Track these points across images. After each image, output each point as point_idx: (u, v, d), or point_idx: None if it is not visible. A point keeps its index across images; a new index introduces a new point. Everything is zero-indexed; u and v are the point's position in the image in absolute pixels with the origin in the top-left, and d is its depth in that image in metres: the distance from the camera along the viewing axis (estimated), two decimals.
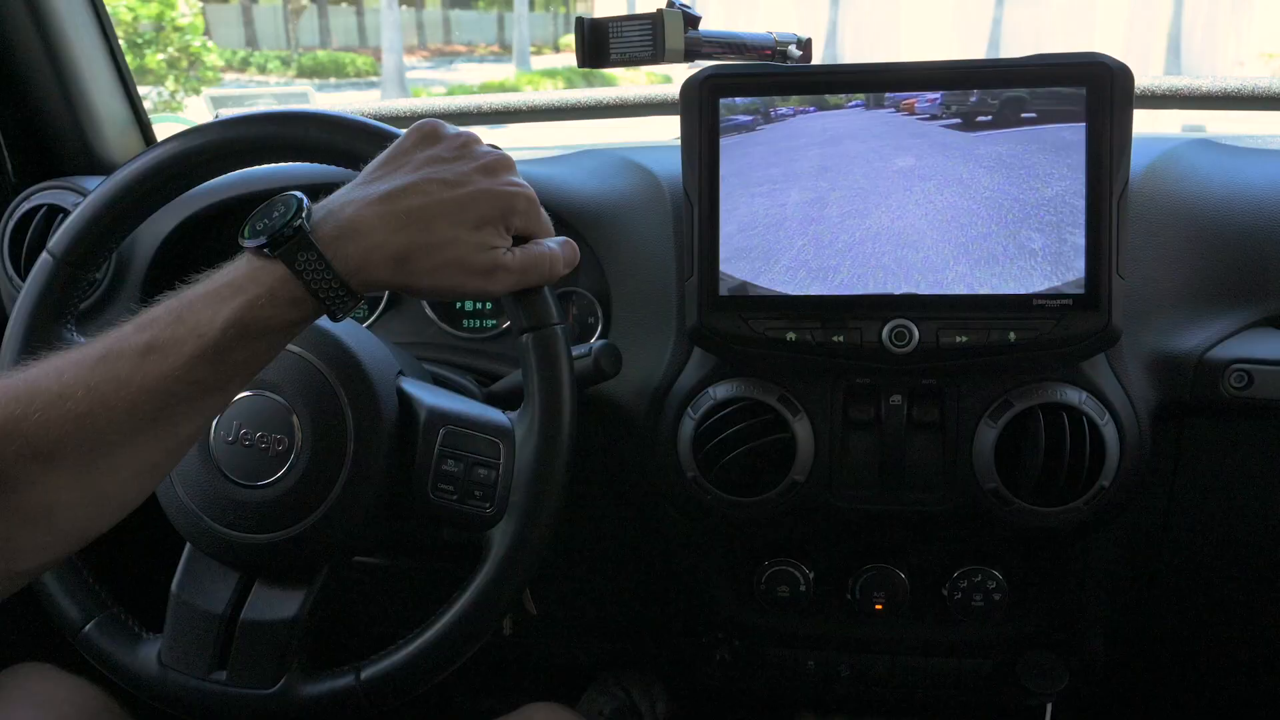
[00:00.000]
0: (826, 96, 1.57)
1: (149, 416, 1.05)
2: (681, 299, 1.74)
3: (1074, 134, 1.51)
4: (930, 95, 1.55)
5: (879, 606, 1.86)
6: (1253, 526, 1.84)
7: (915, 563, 1.87)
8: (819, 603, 1.91)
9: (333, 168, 1.41)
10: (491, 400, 1.60)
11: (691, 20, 1.59)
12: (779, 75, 1.58)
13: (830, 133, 1.57)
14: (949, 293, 1.54)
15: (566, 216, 1.82)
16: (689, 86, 1.59)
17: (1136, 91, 1.51)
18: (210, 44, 12.38)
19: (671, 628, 2.16)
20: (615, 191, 1.86)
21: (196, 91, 12.19)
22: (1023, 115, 1.52)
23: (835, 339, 1.57)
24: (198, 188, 1.54)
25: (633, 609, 2.28)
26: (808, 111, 1.57)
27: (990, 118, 1.53)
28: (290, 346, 1.41)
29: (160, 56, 11.91)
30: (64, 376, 1.04)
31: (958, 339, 1.54)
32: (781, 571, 1.86)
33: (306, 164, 1.42)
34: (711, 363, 1.72)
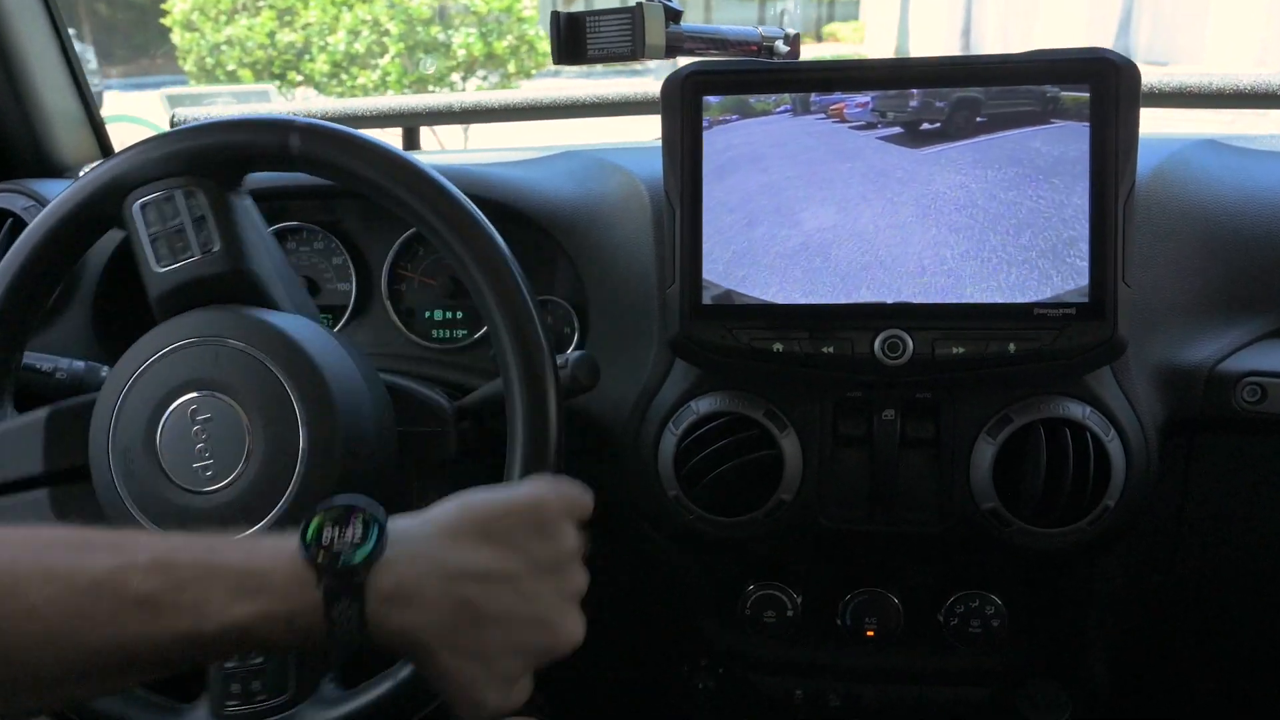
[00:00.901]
0: (751, 101, 1.56)
1: (109, 666, 1.00)
2: (662, 308, 1.72)
3: (1075, 135, 1.50)
4: (861, 99, 1.54)
5: (870, 633, 1.85)
6: (1266, 549, 1.83)
7: (909, 587, 1.86)
8: (807, 628, 1.89)
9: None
10: (462, 414, 1.58)
11: (673, 14, 1.58)
12: (766, 72, 1.57)
13: (770, 142, 1.57)
14: (945, 301, 1.53)
15: (542, 221, 1.81)
16: (670, 84, 1.58)
17: (1144, 89, 1.51)
18: (542, 33, 13.24)
19: (651, 655, 2.14)
20: (593, 195, 1.85)
21: (529, 75, 13.28)
22: (977, 120, 1.52)
23: (825, 350, 1.56)
24: None
25: (611, 636, 2.26)
26: (732, 120, 1.57)
27: (939, 125, 1.53)
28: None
29: (504, 43, 12.97)
30: (46, 590, 0.97)
31: (954, 350, 1.53)
32: (768, 595, 1.86)
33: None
34: (694, 375, 1.71)
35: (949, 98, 1.53)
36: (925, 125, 1.53)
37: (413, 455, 1.49)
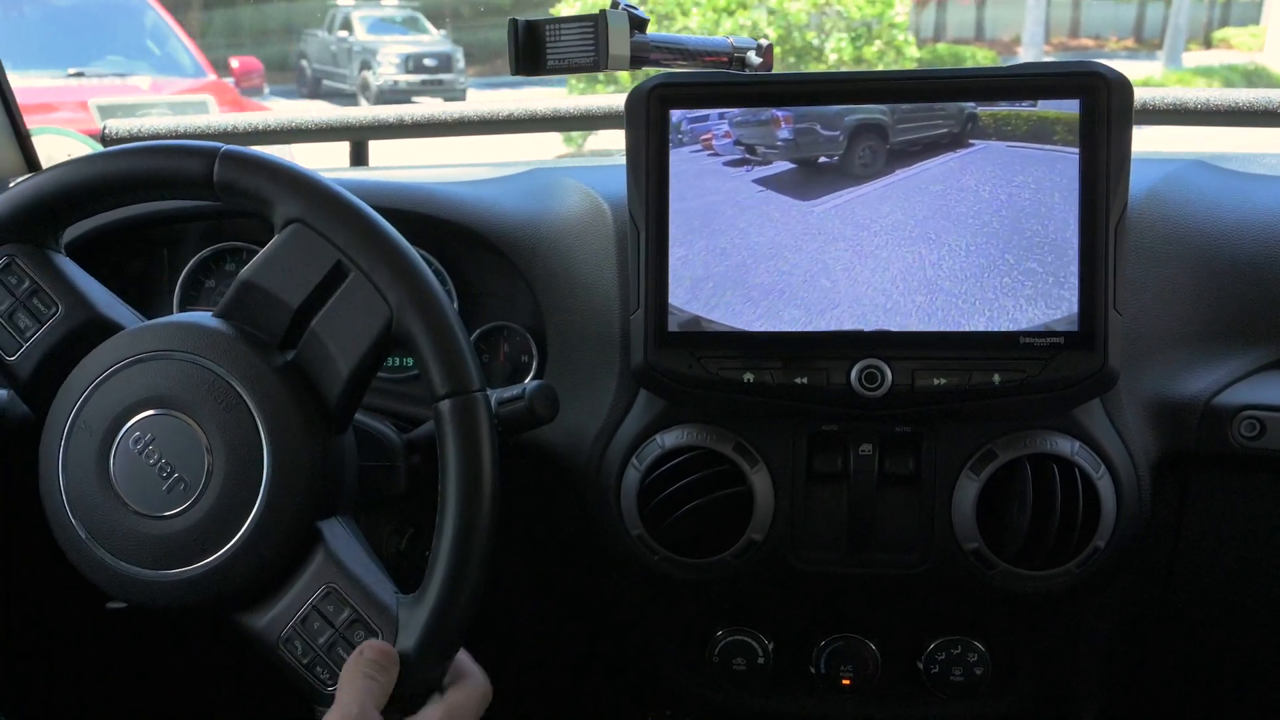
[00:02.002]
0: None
1: None
2: (626, 335, 1.71)
3: (1062, 152, 1.50)
4: (723, 130, 1.56)
5: (846, 681, 1.85)
6: (1264, 591, 1.82)
7: (887, 632, 1.85)
8: (779, 677, 1.88)
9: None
10: (411, 447, 1.57)
11: (638, 23, 1.57)
12: (737, 85, 1.57)
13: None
14: (926, 329, 1.53)
15: (497, 243, 1.80)
16: (635, 97, 1.57)
17: (1136, 106, 1.51)
18: (910, 37, 13.98)
19: (612, 705, 2.13)
20: (552, 214, 1.84)
21: None
22: (888, 149, 1.54)
23: (798, 381, 1.55)
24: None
25: (568, 683, 2.25)
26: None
27: (834, 159, 1.54)
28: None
29: (873, 49, 13.45)
30: None
31: (935, 381, 1.53)
32: (737, 641, 1.84)
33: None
34: (659, 407, 1.70)
35: (842, 125, 1.53)
36: (821, 159, 1.55)
37: (359, 491, 1.47)
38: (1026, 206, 1.50)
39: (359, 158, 2.42)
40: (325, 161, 2.26)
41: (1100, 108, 1.49)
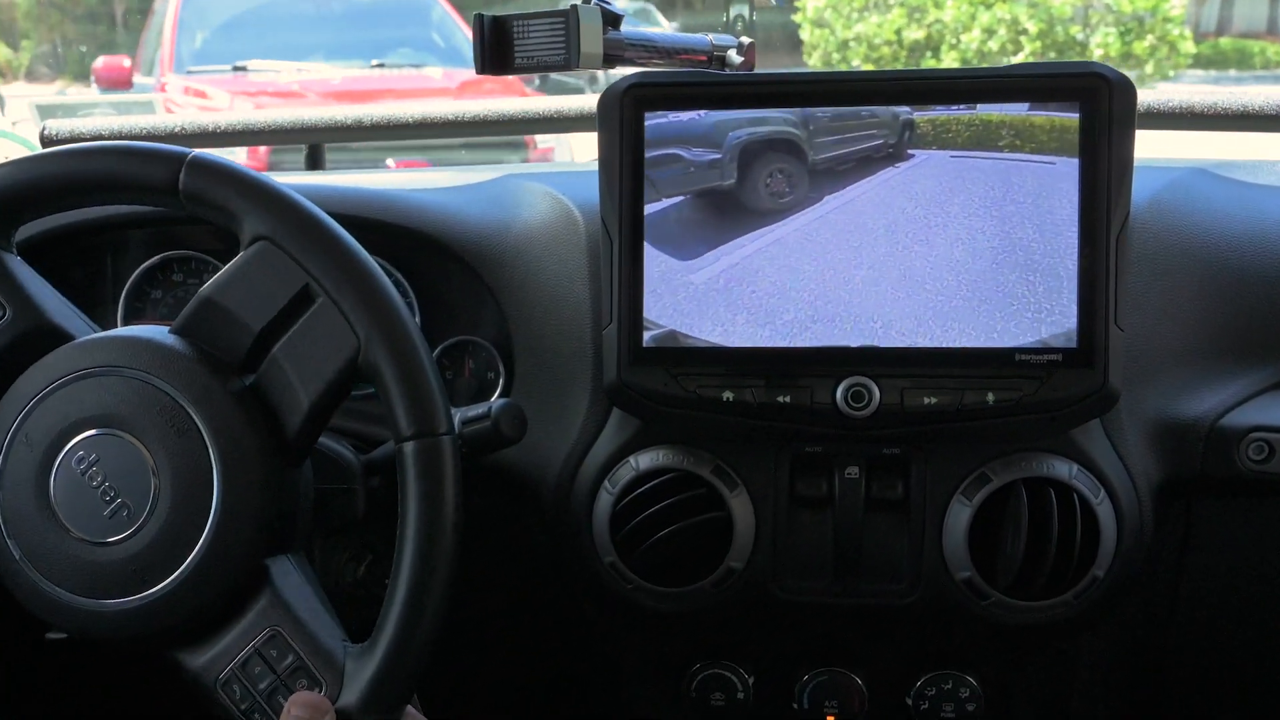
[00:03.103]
0: None
1: None
2: (598, 351, 1.70)
3: (1058, 160, 1.50)
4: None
5: (831, 718, 1.84)
6: (1273, 623, 1.83)
7: (874, 666, 1.84)
8: (759, 712, 1.88)
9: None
10: (370, 469, 1.56)
11: (612, 19, 1.56)
12: (716, 85, 1.57)
13: None
14: (916, 345, 1.52)
15: (462, 252, 1.79)
16: (608, 98, 1.57)
17: (1140, 109, 1.51)
18: (1186, 32, 14.06)
19: None
20: (521, 222, 1.84)
21: (1166, 77, 13.83)
22: (809, 169, 1.54)
23: (780, 399, 1.55)
24: None
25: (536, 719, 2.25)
26: None
27: (728, 188, 1.56)
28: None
29: (1144, 44, 13.56)
30: None
31: (925, 400, 1.53)
32: (715, 675, 1.84)
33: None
34: (633, 427, 1.69)
35: (725, 144, 1.54)
36: (715, 188, 1.56)
37: (316, 514, 1.46)
38: (1022, 216, 1.50)
39: (315, 162, 2.41)
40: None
41: (1101, 111, 1.49)
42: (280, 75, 9.00)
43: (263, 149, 6.34)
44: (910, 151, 1.53)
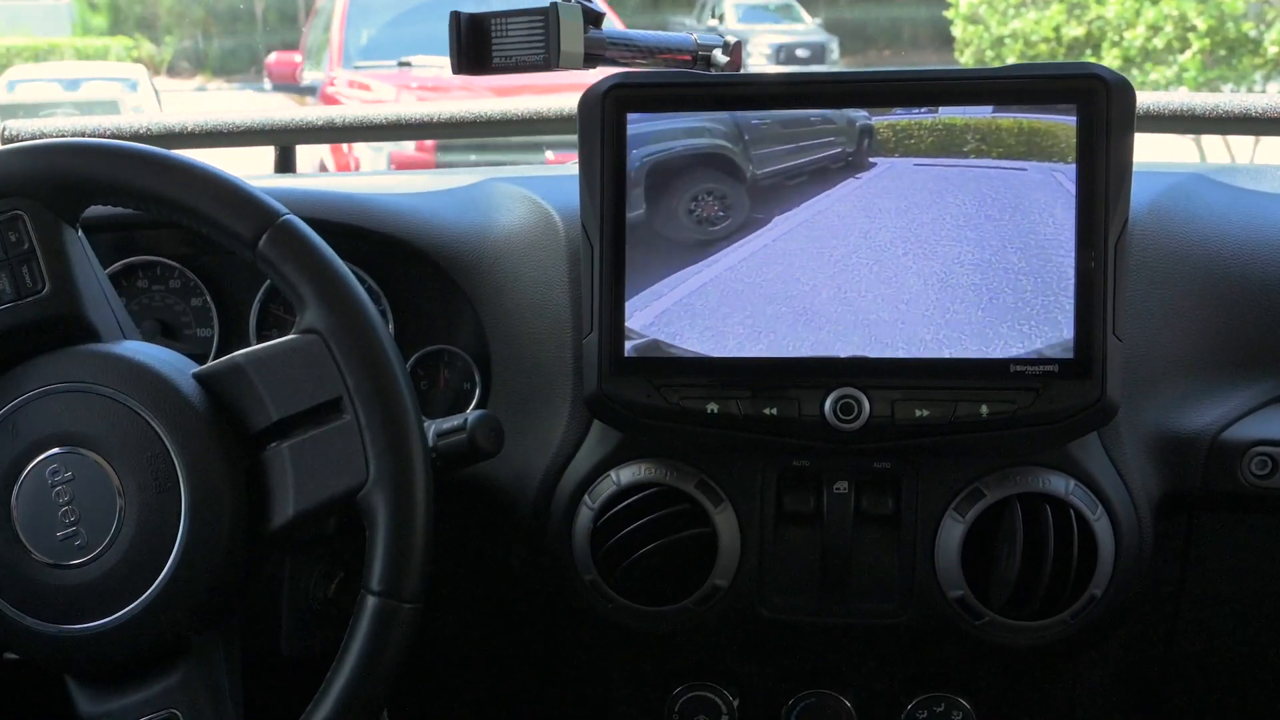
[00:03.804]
0: None
1: None
2: (578, 361, 1.70)
3: (1028, 166, 1.51)
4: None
5: None
6: (1277, 642, 1.83)
7: (864, 688, 1.84)
8: None
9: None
10: None
11: (593, 17, 1.56)
12: (701, 86, 1.56)
13: None
14: (907, 356, 1.52)
15: (437, 258, 1.79)
16: (589, 100, 1.57)
17: (1139, 112, 1.50)
18: None
19: None
20: (498, 227, 1.83)
21: None
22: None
23: (767, 412, 1.55)
24: None
25: None
26: None
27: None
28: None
29: None
30: None
31: (917, 413, 1.53)
32: (699, 698, 1.83)
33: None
34: (614, 440, 1.69)
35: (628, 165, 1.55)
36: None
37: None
38: (1014, 222, 1.50)
39: (285, 164, 2.40)
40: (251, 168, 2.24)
41: (1099, 113, 1.48)
42: (443, 71, 9.19)
43: (429, 141, 6.44)
44: (871, 160, 1.53)
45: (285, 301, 1.90)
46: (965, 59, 14.49)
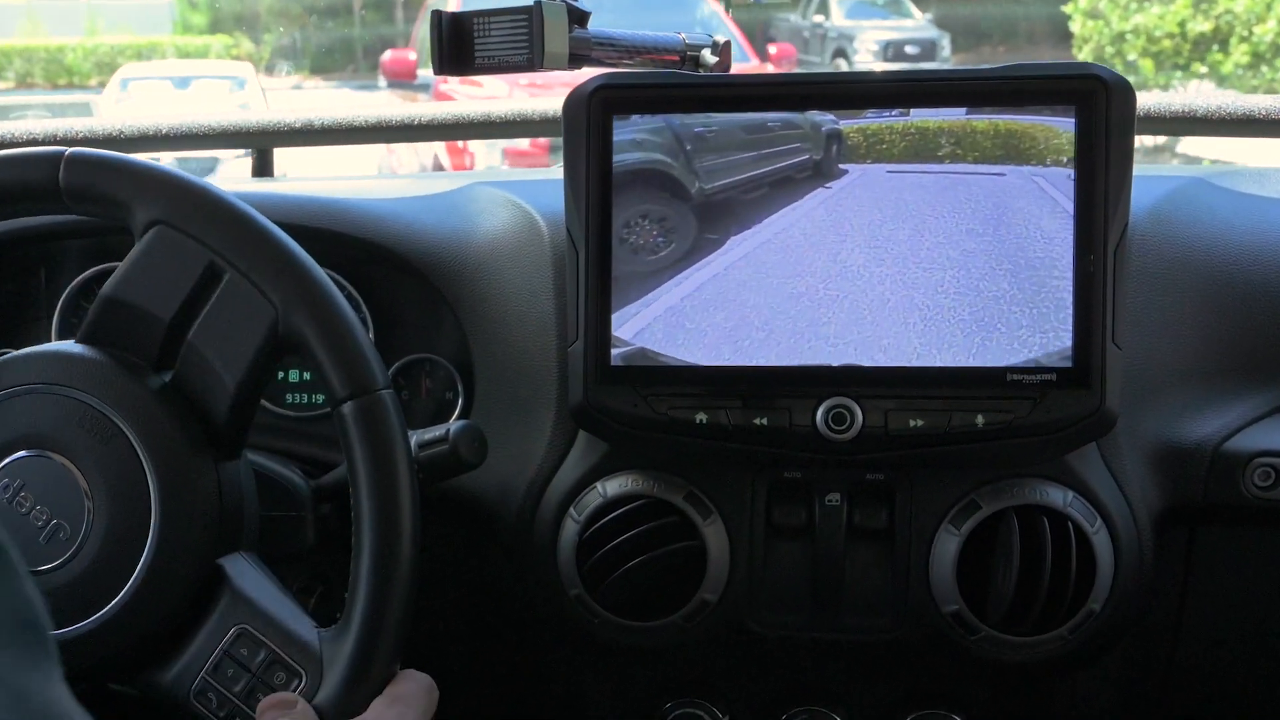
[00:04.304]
0: None
1: None
2: (563, 370, 1.69)
3: (1008, 170, 1.51)
4: None
5: None
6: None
7: (856, 705, 1.83)
8: None
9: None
10: (320, 495, 1.55)
11: (578, 16, 1.56)
12: (689, 87, 1.56)
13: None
14: (900, 365, 1.51)
15: (418, 264, 1.78)
16: (574, 101, 1.56)
17: (1139, 114, 1.50)
18: None
19: None
20: (481, 233, 1.83)
21: None
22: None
23: (757, 422, 1.54)
24: None
25: None
26: None
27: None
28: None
29: None
30: None
31: (911, 423, 1.52)
32: (688, 715, 1.83)
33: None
34: (600, 451, 1.68)
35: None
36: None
37: (263, 543, 1.45)
38: (1008, 228, 1.49)
39: (262, 168, 2.39)
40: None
41: (1098, 115, 1.48)
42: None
43: (544, 139, 6.52)
44: (842, 167, 1.52)
45: None
46: (1084, 56, 14.50)
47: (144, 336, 1.36)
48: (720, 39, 1.67)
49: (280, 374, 1.88)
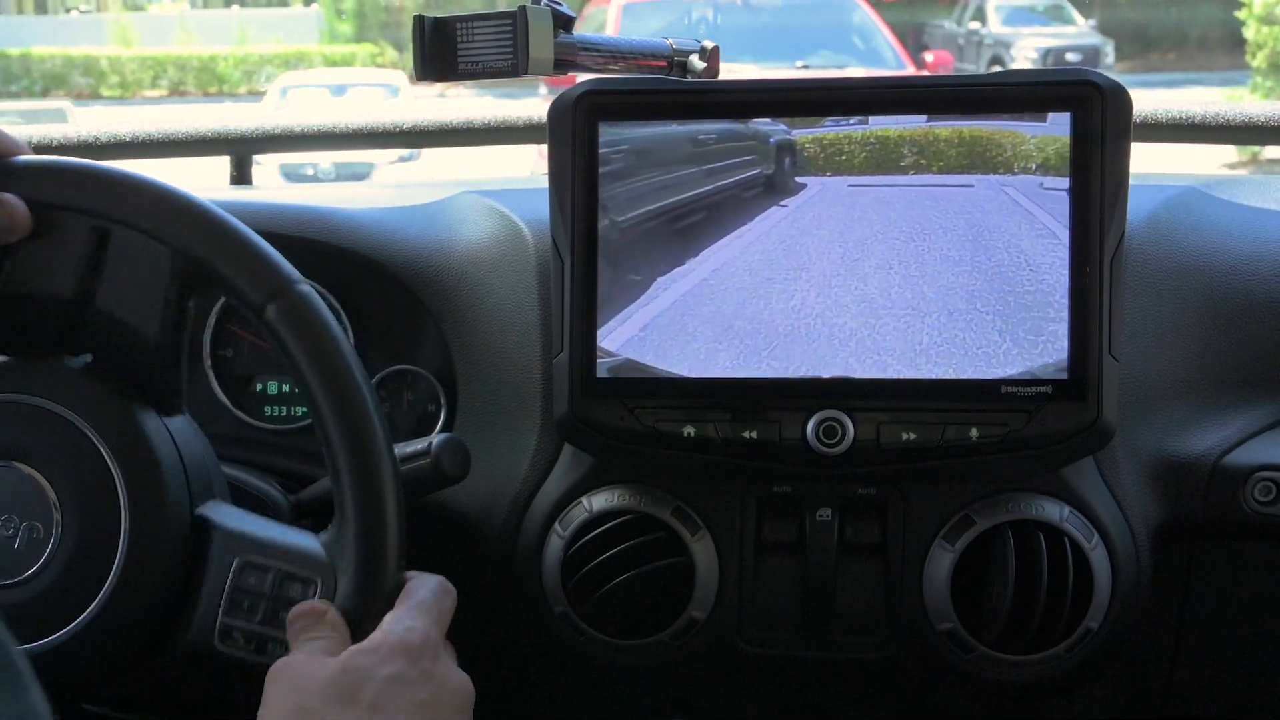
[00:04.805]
0: None
1: None
2: (548, 381, 1.69)
3: (975, 181, 1.51)
4: None
5: None
6: None
7: None
8: None
9: None
10: (299, 511, 1.55)
11: (563, 21, 1.56)
12: (677, 93, 1.55)
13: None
14: (893, 377, 1.51)
15: (399, 274, 1.78)
16: (559, 108, 1.56)
17: (1136, 120, 1.50)
18: None
19: None
20: (465, 242, 1.82)
21: None
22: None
23: (747, 435, 1.54)
24: None
25: None
26: None
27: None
28: (64, 411, 1.35)
29: None
30: None
31: (904, 436, 1.52)
32: None
33: None
34: (586, 465, 1.68)
35: None
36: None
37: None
38: (1000, 236, 1.49)
39: (240, 175, 2.39)
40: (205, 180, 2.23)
41: (1094, 122, 1.48)
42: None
43: None
44: (800, 180, 1.52)
45: (241, 316, 1.90)
46: (1258, 62, 14.70)
47: (54, 322, 1.36)
48: (709, 44, 1.66)
49: (259, 386, 1.88)
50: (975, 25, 21.00)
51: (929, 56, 13.93)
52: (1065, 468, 1.61)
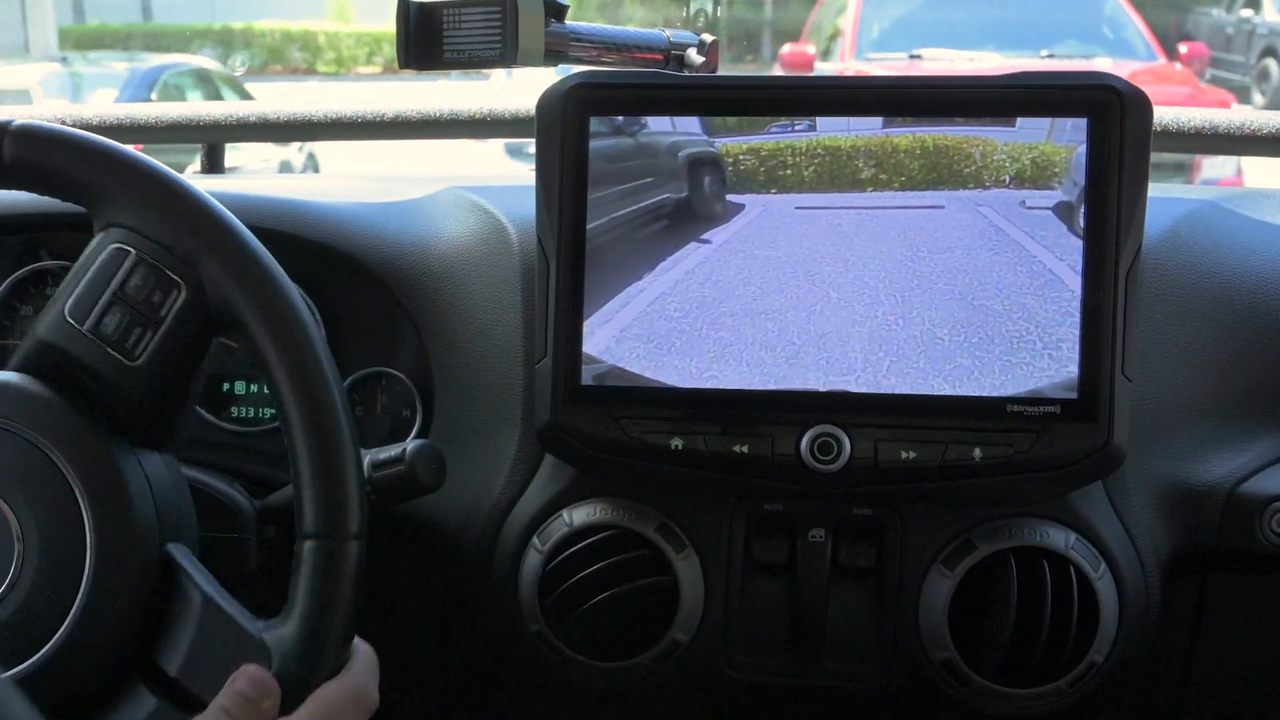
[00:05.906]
0: None
1: None
2: (530, 388, 1.69)
3: (946, 202, 1.50)
4: None
5: None
6: None
7: None
8: None
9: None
10: (265, 516, 1.54)
11: (555, 10, 1.56)
12: (672, 87, 1.55)
13: None
14: (893, 392, 1.51)
15: (376, 271, 1.78)
16: (548, 100, 1.56)
17: (1156, 129, 1.49)
18: None
19: None
20: (446, 240, 1.82)
21: None
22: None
23: (737, 449, 1.53)
24: None
25: None
26: None
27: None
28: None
29: None
30: None
31: (903, 455, 1.51)
32: None
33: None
34: (568, 477, 1.68)
35: None
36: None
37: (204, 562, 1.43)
38: (1005, 249, 1.49)
39: (213, 163, 2.38)
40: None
41: (1112, 129, 1.47)
42: (953, 63, 10.39)
43: None
44: (733, 199, 1.53)
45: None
46: None
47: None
48: (708, 38, 1.66)
49: (225, 386, 1.87)
50: (1248, 13, 20.54)
51: (1183, 48, 14.02)
52: (1072, 492, 1.60)
